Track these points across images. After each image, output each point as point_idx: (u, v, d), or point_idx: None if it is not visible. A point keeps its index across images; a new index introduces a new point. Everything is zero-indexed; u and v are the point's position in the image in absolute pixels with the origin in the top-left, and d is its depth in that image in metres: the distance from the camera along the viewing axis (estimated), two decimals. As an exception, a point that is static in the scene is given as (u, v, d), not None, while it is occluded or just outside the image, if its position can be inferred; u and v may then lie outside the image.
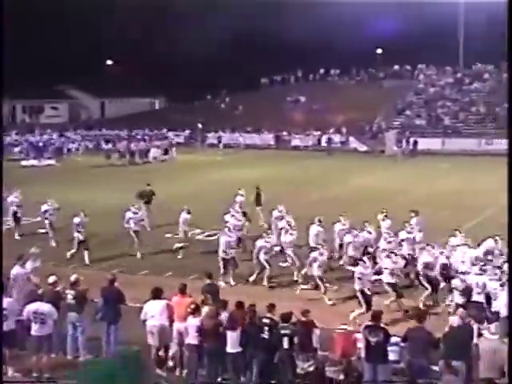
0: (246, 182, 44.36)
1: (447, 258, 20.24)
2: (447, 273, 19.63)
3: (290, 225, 24.58)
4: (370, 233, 23.60)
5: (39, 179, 46.44)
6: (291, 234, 23.48)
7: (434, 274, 19.80)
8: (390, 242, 22.36)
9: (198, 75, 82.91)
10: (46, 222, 27.99)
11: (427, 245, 21.11)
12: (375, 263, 20.86)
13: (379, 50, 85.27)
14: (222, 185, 43.45)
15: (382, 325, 14.43)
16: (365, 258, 20.03)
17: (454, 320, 14.53)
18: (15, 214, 29.25)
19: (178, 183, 44.83)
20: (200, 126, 74.02)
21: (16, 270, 18.52)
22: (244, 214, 27.79)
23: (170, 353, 15.99)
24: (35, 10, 77.65)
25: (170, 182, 44.77)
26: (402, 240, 22.80)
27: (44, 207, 28.17)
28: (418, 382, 13.75)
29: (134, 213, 26.23)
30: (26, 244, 22.99)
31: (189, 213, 26.71)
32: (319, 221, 24.25)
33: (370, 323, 14.43)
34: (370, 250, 22.62)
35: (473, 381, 13.91)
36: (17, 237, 28.50)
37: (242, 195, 30.41)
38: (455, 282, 18.21)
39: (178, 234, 26.83)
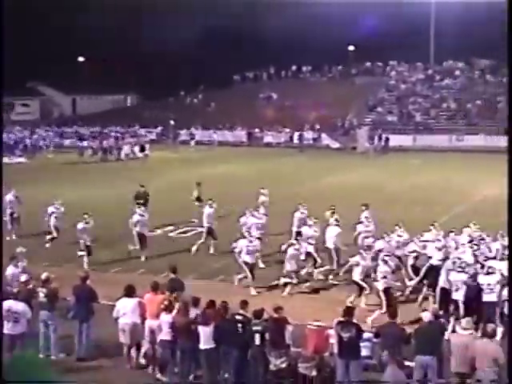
0: (218, 178, 44.60)
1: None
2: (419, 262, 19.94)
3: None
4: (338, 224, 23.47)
5: (10, 177, 46.01)
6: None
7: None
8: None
9: (170, 72, 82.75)
10: (51, 224, 26.77)
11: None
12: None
13: (351, 47, 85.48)
14: (195, 181, 43.43)
15: (354, 321, 14.47)
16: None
17: (426, 315, 14.64)
18: (12, 214, 28.45)
19: (150, 180, 44.62)
20: (172, 122, 73.87)
21: (11, 270, 18.39)
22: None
23: (143, 350, 15.95)
24: (5, 7, 76.89)
25: (143, 179, 44.58)
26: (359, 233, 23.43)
27: (50, 209, 27.08)
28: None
29: (141, 215, 25.21)
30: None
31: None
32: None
33: (342, 319, 14.46)
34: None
35: (445, 375, 14.04)
36: (14, 237, 27.47)
37: (265, 195, 29.89)
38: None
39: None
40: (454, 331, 15.75)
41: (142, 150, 62.47)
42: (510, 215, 17.60)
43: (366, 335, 14.71)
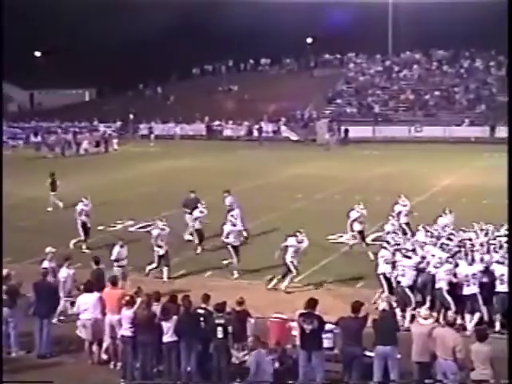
0: (178, 172, 44.49)
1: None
2: None
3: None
4: None
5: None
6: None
7: None
8: None
9: (129, 66, 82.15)
10: (79, 222, 25.60)
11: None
12: None
13: (309, 40, 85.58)
14: (156, 176, 43.35)
15: (316, 313, 14.52)
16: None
17: (382, 306, 14.79)
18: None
19: (110, 175, 44.43)
20: (131, 116, 73.44)
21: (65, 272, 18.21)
22: None
23: (104, 346, 15.86)
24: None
25: (103, 173, 44.40)
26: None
27: (79, 207, 25.89)
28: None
29: (162, 229, 22.32)
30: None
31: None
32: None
33: (305, 311, 14.51)
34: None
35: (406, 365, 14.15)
36: (85, 250, 25.22)
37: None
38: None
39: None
40: (413, 320, 15.89)
41: (97, 145, 62.04)
42: (511, 212, 17.72)
43: (327, 327, 14.75)
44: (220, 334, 14.45)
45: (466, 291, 17.30)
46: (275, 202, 26.04)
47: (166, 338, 14.71)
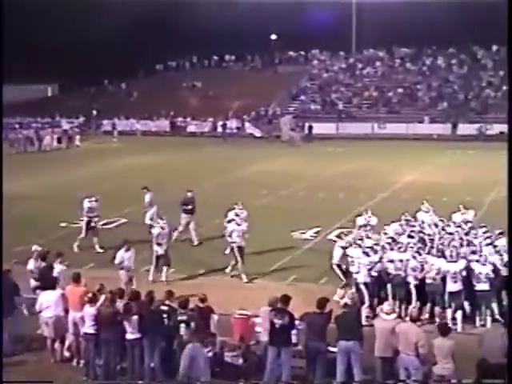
0: (142, 168, 44.33)
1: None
2: None
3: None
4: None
5: None
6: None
7: None
8: None
9: (93, 61, 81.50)
10: (85, 220, 24.92)
11: None
12: None
13: (273, 36, 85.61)
14: (119, 172, 43.15)
15: (288, 309, 14.55)
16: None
17: (344, 301, 14.88)
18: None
19: (73, 171, 44.10)
20: (95, 112, 72.96)
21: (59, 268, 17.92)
22: None
23: (67, 343, 15.75)
24: None
25: (66, 170, 44.08)
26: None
27: (85, 204, 25.13)
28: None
29: (162, 227, 21.70)
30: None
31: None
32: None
33: (277, 306, 14.54)
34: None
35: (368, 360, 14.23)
36: (99, 249, 24.44)
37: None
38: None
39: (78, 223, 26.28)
40: (376, 316, 15.99)
41: (59, 141, 61.52)
42: (510, 212, 17.80)
43: (292, 323, 14.79)
44: (183, 331, 14.43)
45: (452, 288, 17.38)
46: (239, 199, 26.01)
47: (129, 335, 14.65)
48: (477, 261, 17.56)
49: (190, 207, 25.61)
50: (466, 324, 17.24)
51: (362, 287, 17.89)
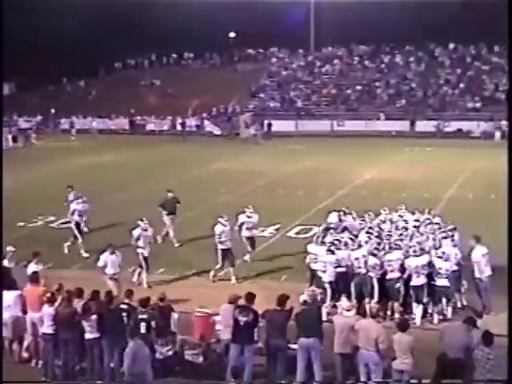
0: (100, 167, 44.08)
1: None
2: None
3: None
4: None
5: None
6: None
7: None
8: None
9: (51, 59, 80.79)
10: (73, 223, 24.09)
11: None
12: None
13: (232, 34, 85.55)
14: (77, 171, 42.80)
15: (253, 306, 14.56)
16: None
17: (303, 298, 14.94)
18: (78, 224, 24.24)
19: (30, 170, 43.69)
20: (53, 111, 72.35)
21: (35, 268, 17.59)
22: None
23: (25, 344, 15.60)
24: None
25: (23, 169, 43.62)
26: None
27: (73, 206, 24.45)
28: None
29: (144, 229, 21.05)
30: None
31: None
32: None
33: (242, 304, 14.57)
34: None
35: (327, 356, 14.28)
36: (84, 254, 23.55)
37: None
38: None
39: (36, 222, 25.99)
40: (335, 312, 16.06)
41: (14, 140, 60.86)
42: (510, 212, 17.91)
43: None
44: (143, 330, 14.37)
45: (416, 282, 17.52)
46: (200, 197, 26.04)
47: (88, 335, 14.55)
48: (439, 257, 17.74)
49: (171, 208, 25.08)
50: (426, 319, 17.40)
51: (327, 286, 17.95)
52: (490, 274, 18.00)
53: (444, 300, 17.53)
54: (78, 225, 24.08)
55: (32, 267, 17.55)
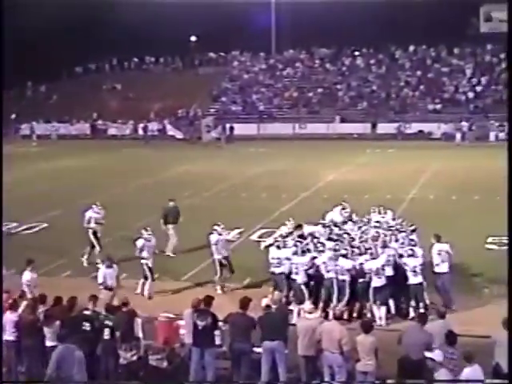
0: (62, 172, 43.78)
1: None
2: None
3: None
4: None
5: None
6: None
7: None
8: None
9: (11, 63, 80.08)
10: (90, 231, 23.44)
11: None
12: None
13: (193, 38, 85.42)
14: (39, 177, 42.52)
15: (211, 310, 14.56)
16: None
17: (265, 302, 15.01)
18: (95, 233, 23.61)
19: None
20: (13, 116, 71.72)
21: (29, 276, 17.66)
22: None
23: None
24: None
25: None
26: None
27: (88, 214, 23.78)
28: None
29: (148, 240, 20.73)
30: None
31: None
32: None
33: (199, 307, 14.58)
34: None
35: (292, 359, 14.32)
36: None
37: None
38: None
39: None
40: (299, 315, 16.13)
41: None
42: (510, 212, 18.06)
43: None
44: (107, 335, 14.31)
45: (376, 283, 17.67)
46: (162, 201, 25.98)
47: (49, 343, 14.37)
48: (409, 255, 17.97)
49: (174, 217, 24.67)
50: (391, 320, 17.55)
51: (303, 287, 17.99)
52: (446, 271, 18.30)
53: (414, 299, 17.74)
54: (95, 233, 23.48)
55: (27, 275, 17.65)
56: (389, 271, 17.88)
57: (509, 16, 19.48)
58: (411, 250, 18.14)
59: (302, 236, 19.94)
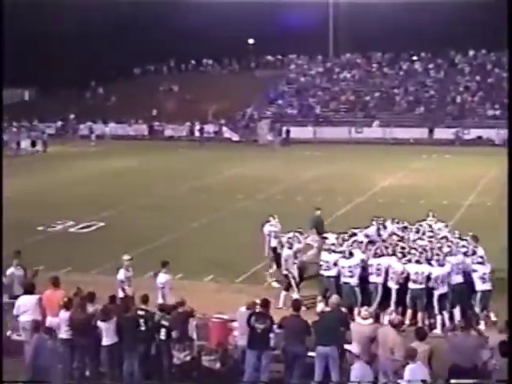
0: (119, 173, 44.22)
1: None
2: None
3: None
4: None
5: None
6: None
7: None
8: None
9: (70, 65, 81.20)
10: (267, 245, 22.68)
11: None
12: None
13: (251, 40, 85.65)
14: (96, 176, 42.98)
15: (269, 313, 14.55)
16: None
17: (320, 306, 14.92)
18: (275, 249, 21.81)
19: (50, 175, 43.89)
20: (72, 116, 72.67)
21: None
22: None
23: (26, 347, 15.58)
24: None
25: (42, 173, 43.90)
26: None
27: (266, 228, 22.97)
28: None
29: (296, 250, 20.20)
30: None
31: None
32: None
33: (257, 310, 14.55)
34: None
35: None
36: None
37: None
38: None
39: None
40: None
41: (33, 145, 61.11)
42: (510, 212, 17.86)
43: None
44: (163, 336, 14.40)
45: (441, 291, 17.48)
46: (217, 203, 26.12)
47: (105, 341, 14.53)
48: (478, 262, 17.75)
49: (321, 227, 23.69)
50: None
51: (357, 290, 17.88)
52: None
53: (481, 305, 17.52)
54: (275, 249, 21.87)
55: (161, 277, 17.72)
56: (456, 278, 17.71)
57: (509, 16, 18.97)
58: (480, 257, 17.94)
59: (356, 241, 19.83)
